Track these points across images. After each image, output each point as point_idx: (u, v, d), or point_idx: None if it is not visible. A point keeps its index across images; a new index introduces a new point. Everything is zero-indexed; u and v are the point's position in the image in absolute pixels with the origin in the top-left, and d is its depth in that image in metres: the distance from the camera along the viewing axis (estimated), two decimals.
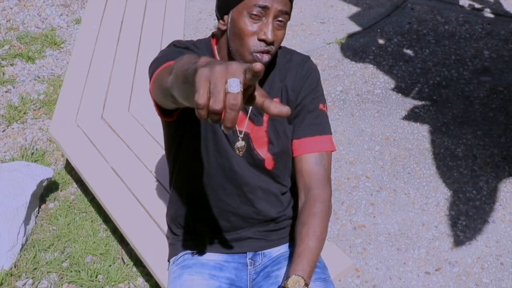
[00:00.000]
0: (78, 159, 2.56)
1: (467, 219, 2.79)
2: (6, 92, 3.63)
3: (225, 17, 1.48)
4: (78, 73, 3.13)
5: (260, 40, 1.44)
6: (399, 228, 2.76)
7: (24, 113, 3.43)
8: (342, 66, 3.92)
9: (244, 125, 1.60)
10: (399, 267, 2.58)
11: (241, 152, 1.57)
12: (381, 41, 4.17)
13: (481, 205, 2.86)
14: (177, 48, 1.51)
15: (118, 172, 2.49)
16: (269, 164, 1.66)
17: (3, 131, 3.32)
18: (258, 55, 1.45)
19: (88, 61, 3.24)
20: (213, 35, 1.60)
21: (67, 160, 3.07)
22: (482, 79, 3.77)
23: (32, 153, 3.13)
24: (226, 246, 1.77)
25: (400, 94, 3.65)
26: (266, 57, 1.46)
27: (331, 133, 1.66)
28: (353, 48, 4.10)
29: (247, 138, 1.61)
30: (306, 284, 1.46)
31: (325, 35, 4.27)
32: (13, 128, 3.33)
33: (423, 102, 3.58)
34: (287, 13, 1.44)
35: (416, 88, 3.70)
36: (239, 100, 0.81)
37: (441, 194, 2.93)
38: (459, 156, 3.16)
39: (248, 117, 1.59)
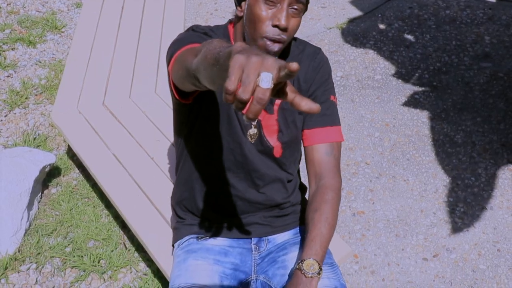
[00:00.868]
0: (80, 145, 2.59)
1: (465, 206, 2.83)
2: (8, 76, 3.64)
3: (243, 3, 1.50)
4: (79, 60, 3.14)
5: (274, 26, 1.45)
6: (397, 215, 2.79)
7: (26, 98, 3.45)
8: (343, 51, 3.92)
9: None
10: (397, 253, 2.61)
11: (253, 140, 1.60)
12: (382, 26, 4.16)
13: (479, 192, 2.89)
14: (196, 33, 1.54)
15: (120, 158, 2.51)
16: (277, 152, 1.70)
17: (5, 116, 3.33)
18: (268, 43, 1.46)
19: (89, 47, 3.24)
20: (230, 21, 1.63)
21: (69, 145, 3.09)
22: (483, 65, 3.77)
23: (34, 139, 3.15)
24: (232, 230, 1.80)
25: (400, 80, 3.66)
26: (276, 46, 1.47)
27: (340, 124, 1.70)
28: (354, 33, 4.10)
29: (258, 125, 1.64)
30: (320, 268, 1.52)
31: (325, 20, 4.26)
32: (15, 113, 3.35)
33: (423, 88, 3.59)
34: (302, 3, 1.45)
35: (416, 74, 3.71)
36: (267, 96, 0.82)
37: (440, 180, 2.96)
38: (458, 142, 3.18)
39: None
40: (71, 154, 3.06)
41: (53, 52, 3.89)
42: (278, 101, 1.63)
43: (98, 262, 2.52)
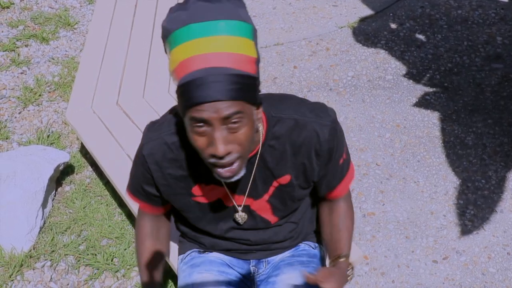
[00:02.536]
0: (94, 145, 2.62)
1: (475, 209, 2.84)
2: (22, 73, 3.67)
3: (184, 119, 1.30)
4: (93, 58, 3.16)
5: (211, 156, 1.26)
6: (408, 216, 2.81)
7: (40, 95, 3.48)
8: (354, 51, 3.93)
9: (243, 201, 1.55)
10: (407, 255, 2.64)
11: (243, 220, 1.57)
12: (393, 26, 4.16)
13: (490, 195, 2.91)
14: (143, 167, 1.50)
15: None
16: (274, 221, 1.63)
17: (19, 113, 3.37)
18: (221, 171, 1.29)
19: (102, 45, 3.27)
20: None
21: (82, 143, 3.13)
22: (494, 66, 3.77)
23: (48, 136, 3.19)
24: (230, 252, 1.76)
25: (411, 81, 3.66)
26: (232, 171, 1.29)
27: (350, 167, 1.61)
28: (365, 33, 4.10)
29: (248, 209, 1.57)
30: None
31: (337, 19, 4.27)
32: (28, 110, 3.39)
33: (434, 89, 3.59)
34: (238, 112, 1.21)
35: (428, 75, 3.71)
36: None
37: (450, 183, 2.97)
38: (469, 144, 3.19)
39: (246, 195, 1.53)
40: (84, 152, 3.09)
41: (66, 49, 3.92)
42: (274, 184, 1.52)
43: (112, 261, 2.56)
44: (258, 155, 1.44)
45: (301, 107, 1.46)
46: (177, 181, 1.50)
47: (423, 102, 3.50)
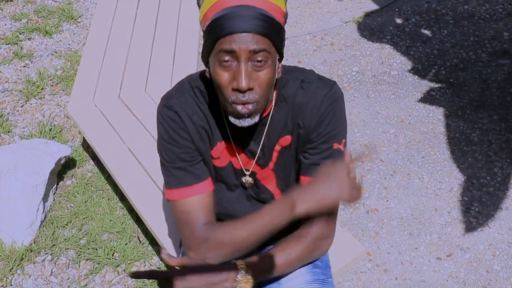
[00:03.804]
0: (96, 139, 2.60)
1: (480, 206, 2.81)
2: (24, 67, 3.66)
3: (208, 65, 1.36)
4: (96, 52, 3.14)
5: (234, 90, 1.29)
6: (412, 213, 2.78)
7: (42, 88, 3.47)
8: (359, 46, 3.90)
9: (251, 166, 1.54)
10: (410, 252, 2.61)
11: (247, 185, 1.55)
12: (398, 21, 4.13)
13: (495, 192, 2.87)
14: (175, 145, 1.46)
15: (135, 153, 2.52)
16: (278, 195, 1.60)
17: (21, 106, 3.36)
18: (239, 107, 1.31)
19: (105, 39, 3.24)
20: None
21: (84, 136, 3.11)
22: (501, 61, 3.73)
23: (50, 130, 3.17)
24: None
25: (416, 76, 3.63)
26: (248, 108, 1.31)
27: None
28: (370, 28, 4.07)
29: (254, 176, 1.56)
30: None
31: (342, 14, 4.23)
32: (31, 104, 3.37)
33: (440, 85, 3.56)
34: (265, 50, 1.27)
35: (433, 70, 3.67)
36: None
37: (455, 179, 2.94)
38: (474, 141, 3.15)
39: (255, 161, 1.53)
40: (86, 146, 3.08)
41: (69, 43, 3.90)
42: (277, 148, 1.52)
43: (112, 255, 2.54)
44: (270, 116, 1.46)
45: (310, 72, 1.50)
46: (201, 137, 1.47)
47: (428, 98, 3.46)
